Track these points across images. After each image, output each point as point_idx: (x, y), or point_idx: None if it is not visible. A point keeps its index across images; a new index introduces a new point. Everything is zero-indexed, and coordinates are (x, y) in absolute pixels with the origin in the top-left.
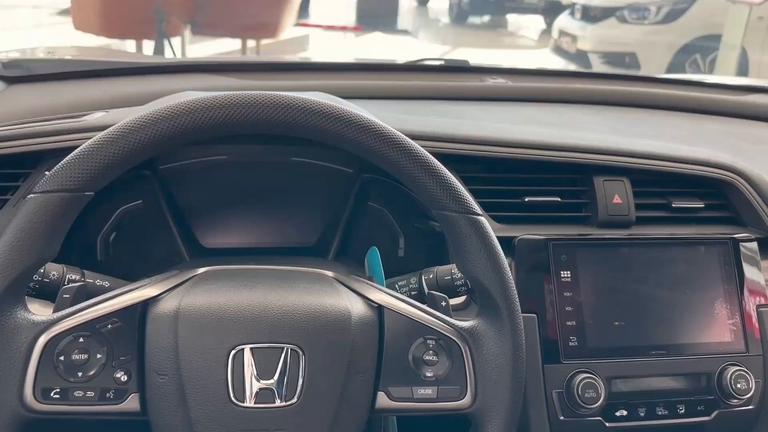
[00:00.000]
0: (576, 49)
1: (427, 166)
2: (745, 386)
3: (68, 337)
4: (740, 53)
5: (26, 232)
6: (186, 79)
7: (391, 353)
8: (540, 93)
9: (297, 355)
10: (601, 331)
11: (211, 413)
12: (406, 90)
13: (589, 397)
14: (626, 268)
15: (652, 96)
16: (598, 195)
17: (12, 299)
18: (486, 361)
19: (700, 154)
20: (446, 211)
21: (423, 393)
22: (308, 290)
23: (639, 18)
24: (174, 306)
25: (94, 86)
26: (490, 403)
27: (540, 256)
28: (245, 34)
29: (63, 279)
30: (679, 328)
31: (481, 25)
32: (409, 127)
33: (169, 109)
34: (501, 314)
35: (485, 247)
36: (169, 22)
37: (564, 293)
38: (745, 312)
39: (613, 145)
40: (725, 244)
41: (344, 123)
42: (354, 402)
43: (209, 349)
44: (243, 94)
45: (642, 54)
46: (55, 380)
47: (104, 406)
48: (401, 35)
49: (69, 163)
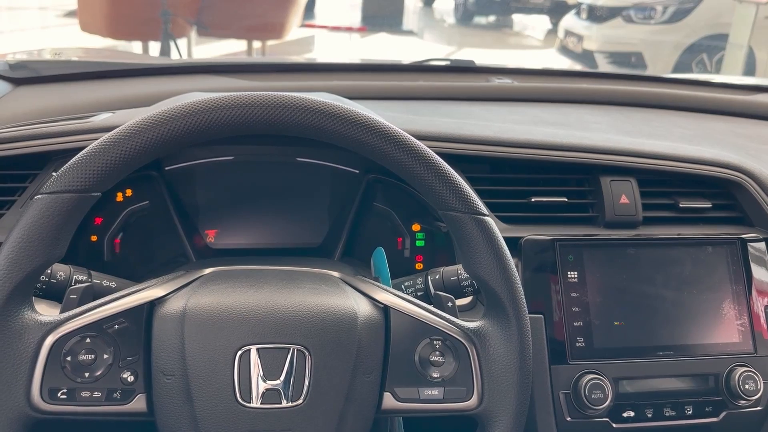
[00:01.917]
0: (582, 48)
1: (433, 166)
2: (753, 387)
3: (75, 338)
4: (747, 53)
5: (33, 233)
6: (192, 80)
7: (398, 354)
8: (546, 93)
9: (303, 355)
10: (608, 332)
11: (218, 414)
12: (411, 90)
13: (597, 398)
14: (633, 268)
15: (658, 96)
16: (605, 195)
17: (19, 300)
18: (493, 362)
19: (707, 154)
20: (452, 212)
21: (429, 394)
22: (314, 291)
23: (645, 18)
24: (180, 306)
25: (100, 87)
26: (496, 404)
27: (546, 257)
28: (251, 35)
29: (70, 280)
30: (687, 329)
31: (486, 25)
32: (415, 127)
33: (175, 110)
34: (508, 315)
35: (492, 248)
36: (175, 23)
37: (571, 294)
38: (753, 312)
39: (620, 145)
40: (733, 245)
41: (350, 123)
42: (360, 402)
43: (216, 349)
44: (249, 94)
45: (648, 54)
46: (62, 380)
47: (111, 406)
48: (407, 36)
49: (76, 164)
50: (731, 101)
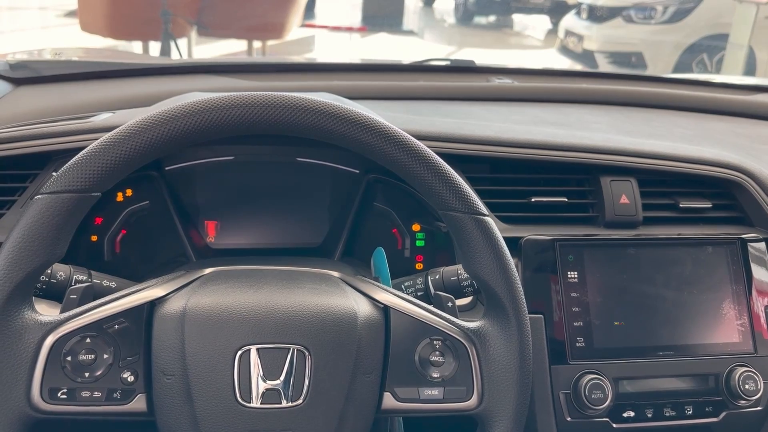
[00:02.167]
0: (582, 48)
1: (433, 166)
2: (753, 387)
3: (75, 338)
4: (747, 53)
5: (34, 233)
6: (192, 80)
7: (397, 354)
8: (546, 93)
9: (303, 355)
10: (608, 332)
11: (218, 413)
12: (411, 90)
13: (597, 398)
14: (633, 268)
15: (658, 96)
16: (605, 195)
17: (19, 300)
18: (493, 362)
19: (707, 154)
20: (452, 212)
21: (429, 394)
22: (314, 291)
23: (645, 17)
24: (181, 306)
25: (100, 87)
26: (496, 404)
27: (546, 257)
28: (251, 35)
29: (70, 279)
30: (687, 329)
31: (486, 25)
32: (415, 127)
33: (175, 111)
34: (508, 315)
35: (491, 248)
36: (176, 23)
37: (571, 294)
38: (753, 312)
39: (620, 145)
40: (733, 245)
41: (350, 123)
42: (360, 402)
43: (216, 349)
44: (249, 94)
45: (648, 54)
46: (62, 380)
47: (111, 406)
48: (407, 35)
49: (76, 163)
50: (731, 101)
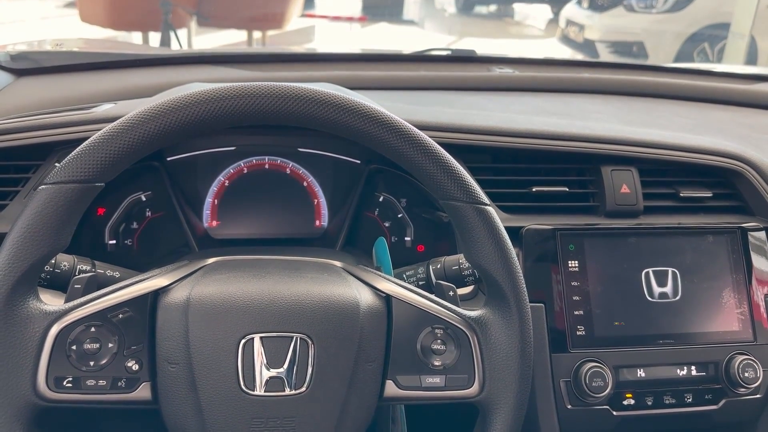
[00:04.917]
0: (583, 38)
1: (434, 156)
2: (752, 375)
3: (80, 327)
4: (749, 42)
5: (37, 224)
6: (193, 70)
7: (400, 342)
8: (547, 83)
9: (306, 344)
10: (608, 321)
11: (222, 401)
12: (413, 80)
13: (597, 386)
14: (634, 257)
15: (660, 85)
16: (606, 185)
17: (24, 289)
18: (494, 350)
19: (708, 144)
20: (454, 201)
21: (431, 381)
22: (317, 280)
23: (647, 7)
24: (184, 296)
25: (101, 78)
26: (497, 392)
27: (547, 246)
28: (251, 25)
29: (74, 269)
30: (687, 318)
31: (487, 14)
32: (416, 117)
33: (177, 101)
34: (509, 304)
35: (493, 237)
36: (176, 13)
37: (571, 283)
38: (753, 301)
39: (621, 135)
40: (733, 233)
41: (352, 113)
42: (363, 390)
43: (219, 338)
44: (250, 85)
45: (650, 43)
46: (67, 369)
47: (116, 394)
48: (407, 25)
49: (79, 154)
50: (733, 90)
